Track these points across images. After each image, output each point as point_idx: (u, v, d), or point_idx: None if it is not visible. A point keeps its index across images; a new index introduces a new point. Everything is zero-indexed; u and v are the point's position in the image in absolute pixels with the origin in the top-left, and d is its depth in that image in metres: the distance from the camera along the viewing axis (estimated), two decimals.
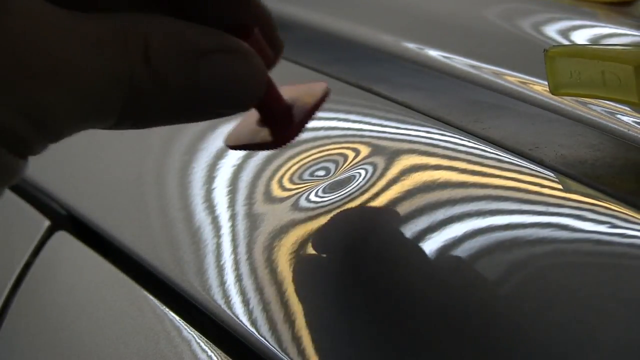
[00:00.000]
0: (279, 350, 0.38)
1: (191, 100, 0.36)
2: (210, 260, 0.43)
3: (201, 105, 0.37)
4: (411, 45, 0.55)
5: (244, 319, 0.39)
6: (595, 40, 0.52)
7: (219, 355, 0.41)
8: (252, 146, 0.40)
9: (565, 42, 0.52)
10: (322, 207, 0.41)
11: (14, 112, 0.32)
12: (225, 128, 0.41)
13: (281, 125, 0.40)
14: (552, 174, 0.39)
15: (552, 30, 0.54)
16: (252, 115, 0.41)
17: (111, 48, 0.34)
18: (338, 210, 0.41)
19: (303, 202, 0.42)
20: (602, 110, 0.44)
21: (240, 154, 0.47)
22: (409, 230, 0.38)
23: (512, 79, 0.49)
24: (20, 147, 0.33)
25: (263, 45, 0.38)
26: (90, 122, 0.34)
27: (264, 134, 0.40)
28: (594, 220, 0.37)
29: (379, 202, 0.40)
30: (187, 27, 0.36)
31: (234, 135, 0.41)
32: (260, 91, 0.37)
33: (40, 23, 0.33)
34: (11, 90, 0.32)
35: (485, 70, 0.50)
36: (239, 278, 0.41)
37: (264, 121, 0.40)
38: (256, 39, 0.38)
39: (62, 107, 0.33)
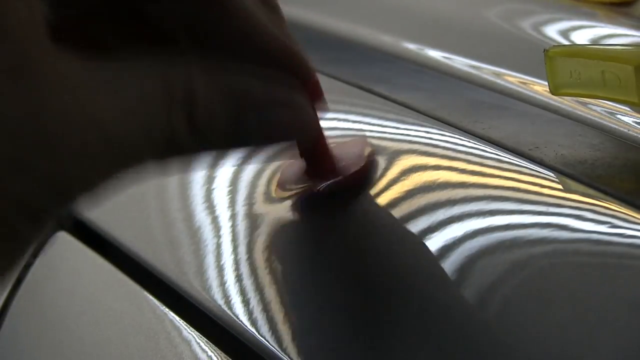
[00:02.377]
0: (279, 350, 0.38)
1: (234, 148, 0.35)
2: (210, 260, 0.43)
3: (245, 149, 0.36)
4: (411, 46, 0.55)
5: (244, 319, 0.39)
6: (595, 40, 0.52)
7: (219, 355, 0.41)
8: (304, 194, 0.41)
9: (566, 42, 0.52)
10: (322, 207, 0.41)
11: (34, 187, 0.30)
12: None
13: (330, 174, 0.41)
14: (552, 174, 0.39)
15: (552, 31, 0.54)
16: (293, 168, 0.42)
17: (151, 107, 0.32)
18: (338, 211, 0.41)
19: (303, 202, 0.42)
20: (602, 110, 0.44)
21: (240, 154, 0.47)
22: (409, 230, 0.38)
23: (512, 79, 0.49)
24: (39, 214, 0.31)
25: (320, 90, 0.38)
26: (120, 172, 0.32)
27: (314, 182, 0.41)
28: (594, 220, 0.37)
29: (379, 202, 0.40)
30: (235, 77, 0.34)
31: (283, 186, 0.42)
32: (309, 142, 0.37)
33: (74, 91, 0.30)
34: (35, 171, 0.30)
35: (486, 71, 0.50)
36: (239, 278, 0.41)
37: (311, 171, 0.41)
38: (315, 84, 0.38)
39: (91, 177, 0.31)
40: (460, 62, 0.52)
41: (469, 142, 0.42)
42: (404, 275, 0.37)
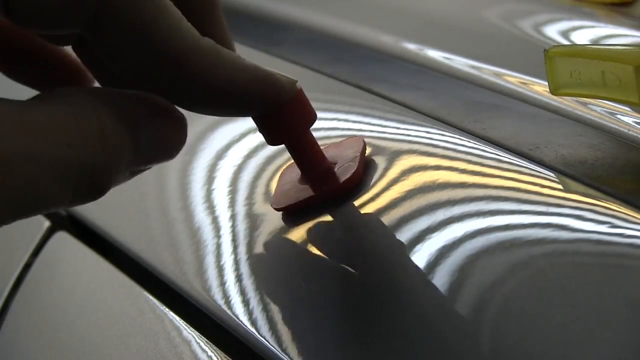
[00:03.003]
0: (279, 350, 0.37)
1: (137, 164, 0.35)
2: (210, 260, 0.43)
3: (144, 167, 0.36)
4: (411, 46, 0.55)
5: (244, 319, 0.39)
6: (595, 41, 0.52)
7: (219, 356, 0.41)
8: (300, 204, 0.41)
9: (566, 42, 0.52)
10: (322, 207, 0.41)
11: None
12: (224, 129, 0.41)
13: (325, 181, 0.41)
14: (552, 174, 0.39)
15: (552, 31, 0.54)
16: (292, 173, 0.42)
17: (57, 136, 0.31)
18: (338, 211, 0.41)
19: (303, 208, 0.42)
20: (602, 110, 0.44)
21: (240, 154, 0.47)
22: (409, 230, 0.38)
23: (512, 79, 0.49)
24: None
25: (304, 102, 0.38)
26: (29, 209, 0.31)
27: (309, 190, 0.41)
28: (594, 220, 0.37)
29: (379, 202, 0.40)
30: (126, 97, 0.34)
31: (279, 197, 0.42)
32: (182, 140, 0.36)
33: None
34: None
35: (486, 71, 0.50)
36: (239, 278, 0.41)
37: (307, 179, 0.41)
38: (296, 98, 0.38)
39: None
40: (460, 62, 0.52)
41: (469, 142, 0.42)
42: (404, 276, 0.37)
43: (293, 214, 0.42)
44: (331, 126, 0.47)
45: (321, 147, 0.41)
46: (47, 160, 0.31)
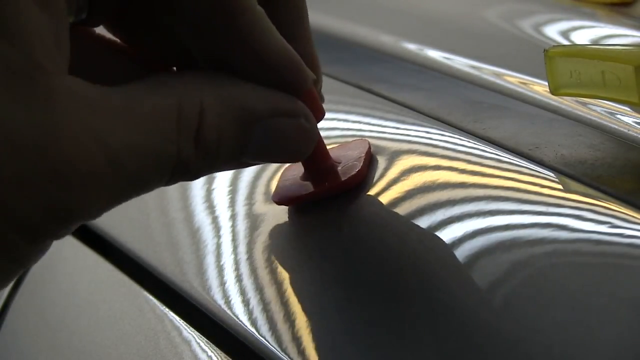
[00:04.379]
0: (279, 350, 0.37)
1: (238, 161, 0.35)
2: (210, 260, 0.43)
3: (247, 163, 0.36)
4: (411, 46, 0.55)
5: (244, 319, 0.39)
6: (595, 41, 0.52)
7: (219, 355, 0.41)
8: (300, 199, 0.41)
9: (566, 42, 0.52)
10: (322, 207, 0.41)
11: (35, 208, 0.29)
12: None
13: (328, 178, 0.41)
14: (552, 174, 0.39)
15: (552, 31, 0.54)
16: (294, 170, 0.42)
17: (161, 130, 0.32)
18: (338, 211, 0.41)
19: (303, 204, 0.42)
20: (602, 110, 0.44)
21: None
22: (409, 230, 0.38)
23: (512, 79, 0.49)
24: (37, 236, 0.30)
25: (316, 97, 0.38)
26: (126, 199, 0.32)
27: (310, 186, 0.41)
28: (594, 220, 0.37)
29: (379, 202, 0.40)
30: (243, 92, 0.34)
31: (279, 191, 0.42)
32: (308, 152, 0.37)
33: (85, 113, 0.30)
34: (37, 194, 0.29)
35: (486, 71, 0.50)
36: (239, 278, 0.41)
37: (309, 176, 0.42)
38: (310, 91, 0.37)
39: (94, 204, 0.31)
40: (460, 62, 0.52)
41: (469, 142, 0.42)
42: (404, 275, 0.37)
43: (294, 210, 0.42)
44: (331, 126, 0.47)
45: (330, 148, 0.42)
46: (150, 153, 0.31)
